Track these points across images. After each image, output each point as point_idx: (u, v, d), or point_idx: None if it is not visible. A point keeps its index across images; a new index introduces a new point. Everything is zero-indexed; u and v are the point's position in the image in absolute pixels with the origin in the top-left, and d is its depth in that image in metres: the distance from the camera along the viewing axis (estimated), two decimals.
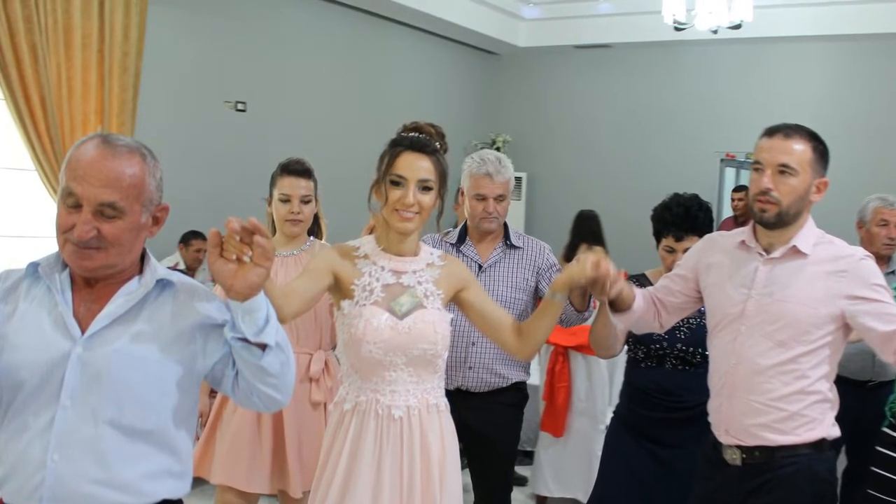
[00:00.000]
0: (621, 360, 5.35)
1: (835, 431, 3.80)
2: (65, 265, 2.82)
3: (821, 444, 3.76)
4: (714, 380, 3.95)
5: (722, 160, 13.88)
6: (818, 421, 3.73)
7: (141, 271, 2.89)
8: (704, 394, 4.05)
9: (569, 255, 9.69)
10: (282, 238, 5.08)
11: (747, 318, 3.76)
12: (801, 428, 3.71)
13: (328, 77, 12.24)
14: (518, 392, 5.20)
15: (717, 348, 3.93)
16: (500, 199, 4.98)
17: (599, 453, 5.29)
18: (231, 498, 4.93)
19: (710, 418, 3.98)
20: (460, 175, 5.06)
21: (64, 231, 2.70)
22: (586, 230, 10.51)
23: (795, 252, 3.74)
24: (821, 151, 3.75)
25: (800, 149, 3.69)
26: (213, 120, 10.67)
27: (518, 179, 9.43)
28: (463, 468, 4.04)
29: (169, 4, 9.89)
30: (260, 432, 4.91)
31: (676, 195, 4.86)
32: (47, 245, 5.03)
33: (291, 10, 11.63)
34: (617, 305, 3.97)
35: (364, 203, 3.83)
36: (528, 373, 5.24)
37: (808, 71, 13.21)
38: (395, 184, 3.63)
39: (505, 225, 5.14)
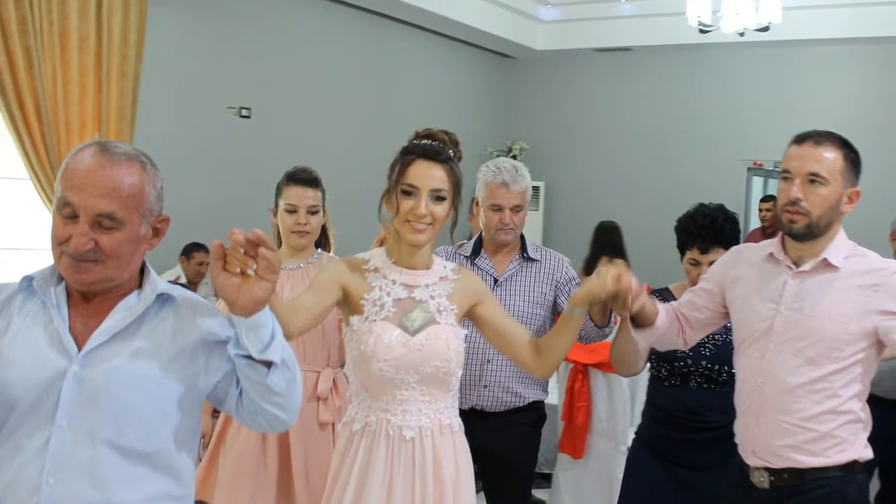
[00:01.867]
0: (643, 378, 5.35)
1: (867, 453, 3.79)
2: (60, 279, 2.81)
3: (852, 467, 3.74)
4: (741, 399, 3.94)
5: (749, 169, 13.88)
6: (850, 442, 3.72)
7: (140, 285, 2.88)
8: (730, 413, 4.05)
9: (589, 268, 9.66)
10: (288, 250, 5.08)
11: (775, 335, 3.75)
12: (832, 449, 3.70)
13: (336, 82, 12.25)
14: (535, 412, 5.19)
15: (744, 366, 3.92)
16: (516, 209, 4.98)
17: (621, 476, 5.27)
18: None
19: (737, 439, 3.97)
20: (475, 184, 5.06)
21: (60, 243, 2.70)
22: (607, 242, 10.51)
23: (826, 265, 3.73)
24: (852, 160, 3.74)
25: (830, 157, 3.68)
26: (216, 127, 10.68)
27: (535, 189, 9.40)
28: (478, 491, 4.04)
29: (170, 6, 9.91)
30: (265, 454, 4.91)
31: (701, 205, 4.85)
32: (42, 258, 5.04)
33: (298, 12, 11.65)
34: (639, 321, 3.96)
35: (374, 214, 3.82)
36: (545, 391, 5.24)
37: (839, 75, 13.20)
38: (407, 193, 3.63)
39: (522, 237, 5.13)
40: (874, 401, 3.91)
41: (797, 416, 3.69)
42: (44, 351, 2.71)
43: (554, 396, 7.10)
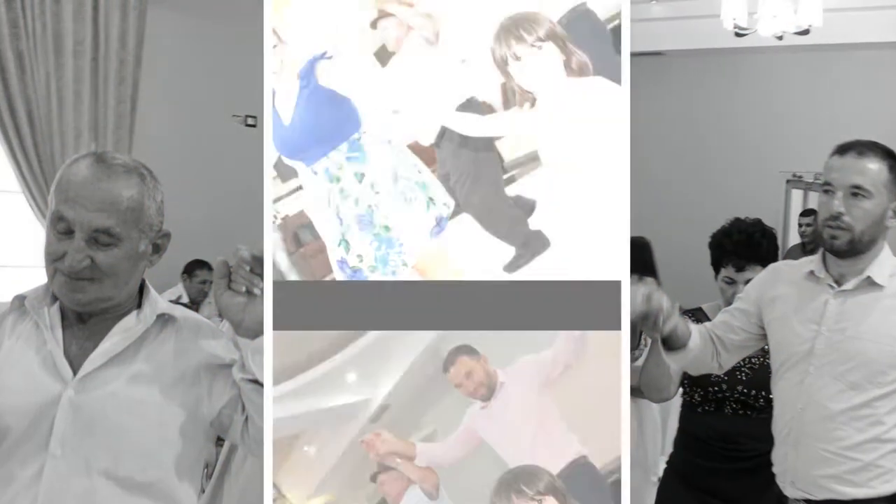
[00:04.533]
0: (675, 404, 5.33)
1: None
2: (55, 298, 2.82)
3: None
4: (779, 426, 3.93)
5: (788, 181, 13.82)
6: (895, 472, 3.72)
7: (139, 305, 2.89)
8: (768, 442, 4.02)
9: None
10: None
11: (816, 358, 3.74)
12: (876, 480, 3.68)
13: None
14: None
15: (783, 391, 3.91)
16: None
17: None
18: None
19: (775, 469, 3.96)
20: None
21: (53, 260, 2.70)
22: (636, 259, 10.34)
23: (870, 284, 3.71)
24: None
25: (875, 168, 3.67)
26: (220, 136, 10.66)
27: None
28: None
29: (170, 7, 9.91)
30: None
31: (737, 220, 4.84)
32: (35, 276, 5.05)
33: None
34: (671, 343, 3.93)
35: None
36: None
37: (884, 81, 13.12)
38: None
39: None
40: None
41: (839, 444, 3.68)
42: (37, 375, 2.72)
43: None
